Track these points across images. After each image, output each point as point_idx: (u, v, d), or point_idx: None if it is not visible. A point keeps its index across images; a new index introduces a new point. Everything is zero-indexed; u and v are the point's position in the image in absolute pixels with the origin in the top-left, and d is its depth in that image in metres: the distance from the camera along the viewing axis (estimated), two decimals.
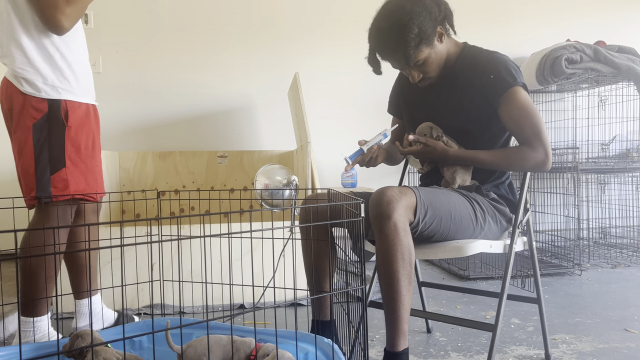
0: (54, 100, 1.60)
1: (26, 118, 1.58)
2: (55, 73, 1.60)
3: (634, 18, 3.97)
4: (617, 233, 3.72)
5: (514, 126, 1.48)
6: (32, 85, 1.57)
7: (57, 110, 1.60)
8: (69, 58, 1.63)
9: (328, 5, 3.62)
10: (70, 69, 1.64)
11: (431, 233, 1.42)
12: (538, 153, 1.45)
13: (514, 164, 1.49)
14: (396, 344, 1.29)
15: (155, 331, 0.93)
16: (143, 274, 2.23)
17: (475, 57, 1.53)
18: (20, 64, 1.56)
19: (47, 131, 1.59)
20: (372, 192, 1.67)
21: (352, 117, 3.63)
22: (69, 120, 1.62)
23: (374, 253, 1.38)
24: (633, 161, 3.29)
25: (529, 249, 1.63)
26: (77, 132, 1.65)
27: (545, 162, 1.46)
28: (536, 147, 1.45)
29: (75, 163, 1.65)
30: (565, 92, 3.68)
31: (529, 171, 1.52)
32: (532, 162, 1.46)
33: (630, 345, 1.80)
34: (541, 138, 1.45)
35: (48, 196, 1.60)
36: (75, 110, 1.65)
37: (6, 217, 3.17)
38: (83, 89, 1.70)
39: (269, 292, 2.26)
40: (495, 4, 3.78)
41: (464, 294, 2.40)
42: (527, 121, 1.45)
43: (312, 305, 1.60)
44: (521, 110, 1.46)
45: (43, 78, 1.58)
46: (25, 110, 1.58)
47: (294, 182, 2.43)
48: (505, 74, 1.46)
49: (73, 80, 1.65)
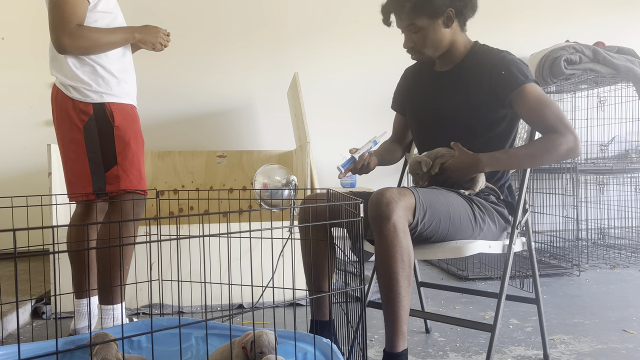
0: (98, 104, 1.73)
1: (76, 121, 1.73)
2: (96, 81, 1.73)
3: (633, 19, 3.98)
4: (615, 234, 3.72)
5: (536, 117, 1.46)
6: (78, 91, 1.72)
7: (102, 112, 1.73)
8: (108, 67, 1.75)
9: (328, 5, 3.62)
10: (111, 75, 1.75)
11: (430, 234, 1.41)
12: (567, 138, 1.42)
13: (547, 153, 1.44)
14: (395, 345, 1.29)
15: (154, 331, 0.93)
16: (142, 274, 2.22)
17: (485, 55, 1.53)
18: (66, 74, 1.73)
19: (96, 132, 1.73)
20: (372, 192, 1.67)
21: (351, 117, 3.64)
22: (115, 120, 1.74)
23: (373, 253, 1.38)
24: (632, 162, 3.30)
25: (528, 249, 1.63)
26: (125, 131, 1.76)
27: (576, 146, 1.43)
28: (564, 132, 1.43)
29: (126, 159, 1.76)
30: (564, 92, 3.68)
31: (563, 159, 1.46)
32: (565, 147, 1.42)
33: (628, 345, 1.80)
34: (566, 123, 1.43)
35: (103, 192, 1.73)
36: (119, 111, 1.76)
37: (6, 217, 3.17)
38: (124, 91, 1.80)
39: (268, 292, 2.26)
40: (495, 5, 3.78)
41: (463, 294, 2.40)
42: (549, 110, 1.44)
43: (311, 305, 1.60)
44: (539, 101, 1.44)
45: (87, 85, 1.72)
46: (73, 113, 1.73)
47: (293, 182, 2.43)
48: (517, 72, 1.46)
49: (114, 85, 1.76)
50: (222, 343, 1.49)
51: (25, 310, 2.18)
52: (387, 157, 1.76)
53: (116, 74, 1.77)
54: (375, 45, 3.64)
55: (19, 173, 3.35)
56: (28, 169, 3.36)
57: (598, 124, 3.67)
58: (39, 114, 3.36)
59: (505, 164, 1.48)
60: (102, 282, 1.76)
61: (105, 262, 1.74)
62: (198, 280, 2.16)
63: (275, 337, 1.28)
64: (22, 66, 3.32)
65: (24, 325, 2.12)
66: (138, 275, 2.21)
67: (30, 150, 3.35)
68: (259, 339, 1.24)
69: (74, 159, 1.76)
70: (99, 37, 1.69)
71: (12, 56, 3.31)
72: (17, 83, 3.33)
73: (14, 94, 3.33)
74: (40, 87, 3.35)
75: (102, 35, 1.70)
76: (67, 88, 1.73)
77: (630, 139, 3.64)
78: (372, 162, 1.60)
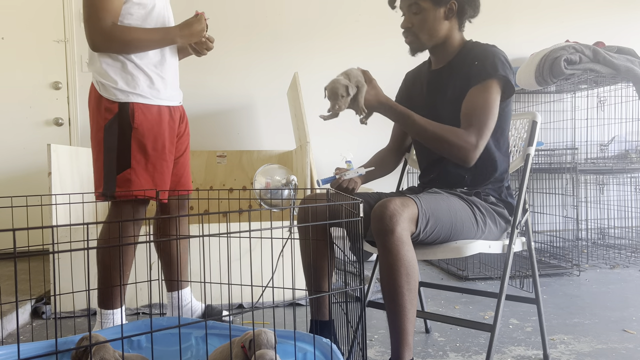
0: (123, 103, 1.68)
1: (100, 118, 1.70)
2: (125, 78, 1.68)
3: (633, 19, 3.98)
4: (615, 234, 3.72)
5: (467, 108, 1.47)
6: (106, 88, 1.69)
7: (125, 112, 1.68)
8: (140, 63, 1.70)
9: (328, 5, 3.62)
10: (141, 72, 1.70)
11: (431, 240, 1.42)
12: (470, 139, 1.43)
13: (443, 139, 1.44)
14: (401, 356, 1.29)
15: (154, 330, 0.93)
16: (142, 274, 2.22)
17: (472, 49, 1.55)
18: (97, 70, 1.70)
19: (116, 132, 1.68)
20: (371, 192, 1.67)
21: (351, 117, 3.62)
22: (135, 121, 1.68)
23: (372, 253, 1.38)
24: (632, 162, 3.29)
25: (528, 249, 1.63)
26: (145, 134, 1.70)
27: (470, 152, 1.43)
28: (472, 133, 1.43)
29: (142, 164, 1.70)
30: (564, 92, 3.69)
31: (453, 154, 1.45)
32: (461, 144, 1.42)
33: (628, 345, 1.80)
34: (482, 131, 1.44)
35: (111, 195, 1.69)
36: (143, 112, 1.70)
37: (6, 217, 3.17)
38: (154, 91, 1.73)
39: (268, 291, 2.26)
40: (495, 5, 3.78)
41: (463, 294, 2.40)
42: (481, 112, 1.45)
43: (310, 305, 1.60)
44: (483, 101, 1.46)
45: (114, 83, 1.68)
46: (100, 110, 1.70)
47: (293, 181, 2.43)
48: (489, 64, 1.47)
49: (145, 84, 1.71)
50: (221, 343, 1.49)
51: (25, 310, 2.18)
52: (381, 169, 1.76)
53: (148, 72, 1.71)
54: (375, 45, 3.64)
55: (19, 173, 3.35)
56: (28, 169, 3.36)
57: (598, 123, 3.67)
58: (39, 114, 3.36)
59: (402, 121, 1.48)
60: (101, 286, 1.73)
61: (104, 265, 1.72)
62: (198, 280, 2.17)
63: (275, 337, 1.28)
64: (22, 66, 3.32)
65: (23, 325, 2.12)
66: (138, 275, 2.21)
67: (30, 150, 3.35)
68: (258, 338, 1.24)
69: (95, 158, 1.73)
70: (132, 39, 1.65)
71: (12, 56, 3.31)
72: (17, 83, 3.33)
73: (14, 94, 3.33)
74: (41, 87, 3.35)
75: (136, 36, 1.65)
76: (98, 84, 1.70)
77: (630, 139, 3.64)
78: (355, 187, 1.58)
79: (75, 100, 3.37)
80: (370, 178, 1.71)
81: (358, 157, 3.48)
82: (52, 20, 3.34)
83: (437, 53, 1.62)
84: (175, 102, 1.84)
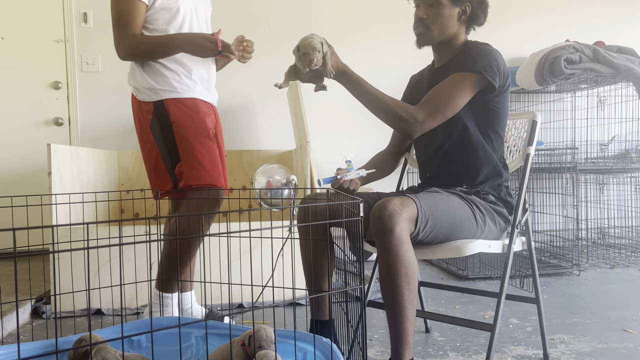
0: (157, 102, 1.76)
1: (144, 121, 1.79)
2: (155, 79, 1.76)
3: (633, 19, 3.98)
4: (615, 233, 3.72)
5: (432, 90, 1.50)
6: (140, 92, 1.79)
7: (161, 109, 1.75)
8: (169, 64, 1.77)
9: (328, 5, 3.62)
10: (169, 70, 1.76)
11: (430, 239, 1.42)
12: (418, 115, 1.44)
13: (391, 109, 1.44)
14: (401, 355, 1.29)
15: (154, 330, 0.93)
16: (142, 273, 2.22)
17: (470, 48, 1.57)
18: (133, 77, 1.81)
19: (159, 130, 1.77)
20: (371, 192, 1.67)
21: (351, 117, 3.63)
22: (171, 116, 1.75)
23: (372, 253, 1.38)
24: (632, 162, 3.30)
25: (528, 249, 1.63)
26: (184, 126, 1.76)
27: (414, 127, 1.44)
28: (422, 111, 1.45)
29: (187, 155, 1.76)
30: (564, 92, 3.68)
31: (397, 125, 1.47)
32: (406, 117, 1.43)
33: (628, 345, 1.80)
34: (433, 113, 1.45)
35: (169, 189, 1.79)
36: (175, 106, 1.76)
37: (6, 217, 3.17)
38: (185, 85, 1.78)
39: (268, 291, 2.26)
40: (495, 5, 3.76)
41: (463, 293, 2.40)
42: (442, 96, 1.47)
43: (310, 304, 1.60)
44: (448, 88, 1.48)
45: (146, 84, 1.76)
46: (142, 114, 1.79)
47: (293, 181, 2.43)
48: (473, 59, 1.49)
49: (174, 80, 1.76)
50: (222, 342, 1.49)
51: (25, 309, 2.18)
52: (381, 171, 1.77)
53: (176, 68, 1.77)
54: (376, 45, 3.64)
55: (19, 173, 3.35)
56: (28, 169, 3.36)
57: (598, 123, 3.67)
58: (39, 114, 3.36)
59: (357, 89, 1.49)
60: (161, 271, 1.81)
61: (168, 253, 1.79)
62: (198, 280, 2.17)
63: (275, 333, 1.28)
64: (22, 66, 3.32)
65: (23, 325, 2.12)
66: (138, 275, 2.21)
67: (30, 149, 3.35)
68: (257, 333, 1.24)
69: (152, 158, 1.81)
70: (150, 49, 1.72)
71: (12, 56, 3.31)
72: (17, 83, 3.33)
73: (14, 94, 3.33)
74: (40, 87, 3.35)
75: (154, 47, 1.72)
76: (135, 91, 1.81)
77: (630, 139, 3.64)
78: (356, 188, 1.59)
79: (75, 100, 3.37)
80: (370, 180, 1.72)
81: (358, 157, 3.48)
82: (52, 20, 3.34)
83: (441, 51, 1.63)
84: (209, 99, 1.87)
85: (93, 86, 3.40)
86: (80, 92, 3.39)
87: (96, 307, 2.23)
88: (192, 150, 1.76)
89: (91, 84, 3.40)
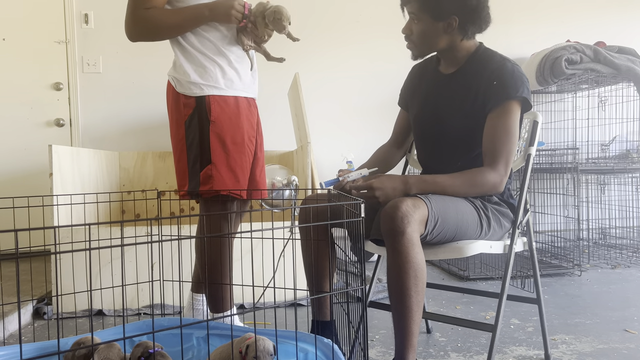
0: (199, 97, 1.63)
1: (179, 116, 1.66)
2: (198, 72, 1.64)
3: (633, 19, 3.97)
4: (616, 234, 3.72)
5: (490, 141, 1.47)
6: (181, 84, 1.65)
7: (202, 106, 1.63)
8: (212, 54, 1.65)
9: (328, 5, 3.62)
10: (214, 65, 1.65)
11: (435, 241, 1.42)
12: (497, 174, 1.45)
13: (473, 187, 1.46)
14: (406, 357, 1.29)
15: (156, 331, 0.93)
16: (143, 274, 2.23)
17: (487, 62, 1.51)
18: (173, 65, 1.68)
19: (196, 128, 1.63)
20: None
21: (352, 117, 3.63)
22: (212, 114, 1.63)
23: (374, 253, 1.38)
24: (633, 162, 3.29)
25: (529, 249, 1.63)
26: (223, 126, 1.64)
27: (499, 185, 1.46)
28: (499, 169, 1.45)
29: (222, 159, 1.64)
30: (565, 92, 3.68)
31: (485, 194, 1.50)
32: (490, 185, 1.46)
33: (630, 345, 1.80)
34: (507, 161, 1.46)
35: (196, 193, 1.65)
36: (219, 105, 1.64)
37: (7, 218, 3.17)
38: (229, 82, 1.67)
39: (269, 292, 2.26)
40: (495, 5, 3.76)
41: (464, 294, 2.40)
42: (506, 140, 1.45)
43: (312, 305, 1.60)
44: (506, 127, 1.45)
45: (188, 77, 1.63)
46: (178, 108, 1.66)
47: (294, 182, 2.43)
48: (508, 85, 1.44)
49: (218, 75, 1.65)
50: (222, 343, 1.49)
51: (26, 310, 2.18)
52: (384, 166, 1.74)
53: (220, 62, 1.65)
54: (376, 46, 3.64)
55: (21, 174, 3.35)
56: (29, 170, 3.36)
57: (599, 123, 3.67)
58: (40, 115, 3.36)
59: (432, 189, 1.46)
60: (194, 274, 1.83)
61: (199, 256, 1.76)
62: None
63: (275, 347, 1.26)
64: (23, 67, 3.33)
65: (25, 326, 2.12)
66: (139, 276, 2.21)
67: (31, 150, 3.35)
68: (254, 344, 1.23)
69: (177, 157, 1.69)
70: (160, 20, 1.58)
71: (13, 57, 3.32)
72: (19, 84, 3.33)
73: (15, 95, 3.33)
74: (41, 87, 3.35)
75: (164, 17, 1.58)
76: (174, 81, 1.67)
77: (631, 139, 3.63)
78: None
79: (76, 101, 3.38)
80: (382, 168, 1.71)
81: (359, 158, 3.48)
82: (53, 21, 3.34)
83: (444, 58, 1.60)
84: (251, 94, 1.80)
85: (94, 87, 3.41)
86: (81, 93, 3.39)
87: (98, 307, 2.23)
88: (227, 155, 1.65)
89: (92, 84, 3.41)
